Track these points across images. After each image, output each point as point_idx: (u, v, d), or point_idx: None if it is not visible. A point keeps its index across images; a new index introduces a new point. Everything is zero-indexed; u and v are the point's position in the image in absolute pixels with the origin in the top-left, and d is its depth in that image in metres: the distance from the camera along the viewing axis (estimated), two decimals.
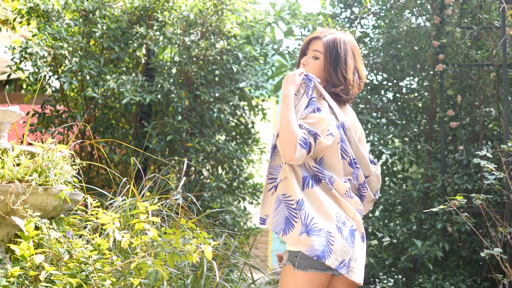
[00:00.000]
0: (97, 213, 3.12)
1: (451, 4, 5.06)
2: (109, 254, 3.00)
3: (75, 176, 3.32)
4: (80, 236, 3.17)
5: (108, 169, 4.15)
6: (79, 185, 3.38)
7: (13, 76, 8.78)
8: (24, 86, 5.59)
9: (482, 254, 3.39)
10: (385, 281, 5.23)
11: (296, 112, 2.69)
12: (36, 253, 2.76)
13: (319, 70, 2.84)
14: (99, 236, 3.20)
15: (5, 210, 2.93)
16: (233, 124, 6.32)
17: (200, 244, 2.62)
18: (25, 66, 5.31)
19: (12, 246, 2.70)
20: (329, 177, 2.70)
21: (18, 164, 3.06)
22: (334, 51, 2.82)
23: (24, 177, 2.99)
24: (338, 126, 2.75)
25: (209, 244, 2.64)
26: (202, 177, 5.79)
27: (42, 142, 3.28)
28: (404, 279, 5.26)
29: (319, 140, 2.64)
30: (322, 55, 2.83)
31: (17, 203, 2.91)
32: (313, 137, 2.63)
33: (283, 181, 2.67)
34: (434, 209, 3.64)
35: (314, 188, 2.67)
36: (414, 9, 5.45)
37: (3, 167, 2.97)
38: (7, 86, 10.96)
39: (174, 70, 5.54)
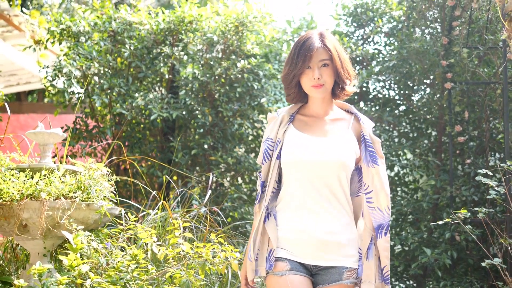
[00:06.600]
0: (135, 227, 3.46)
1: (459, 25, 5.32)
2: (144, 263, 3.33)
3: (112, 192, 3.67)
4: (116, 247, 3.49)
5: (139, 183, 4.48)
6: (114, 199, 3.71)
7: (35, 86, 9.17)
8: (56, 99, 5.98)
9: (483, 264, 3.67)
10: (397, 287, 5.49)
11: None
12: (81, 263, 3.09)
13: (333, 76, 2.77)
14: (135, 246, 3.52)
15: (52, 224, 3.29)
16: (252, 137, 6.61)
17: (228, 257, 2.95)
18: (56, 83, 5.70)
19: (61, 257, 3.04)
20: None
21: (63, 182, 3.41)
22: (338, 50, 2.77)
23: (68, 194, 3.34)
24: None
25: (236, 257, 2.96)
26: (224, 188, 6.09)
27: (74, 156, 3.61)
28: (415, 285, 5.52)
29: None
30: (330, 61, 2.74)
31: (63, 217, 3.26)
32: None
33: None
34: (440, 222, 3.92)
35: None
36: (423, 27, 5.72)
37: (50, 185, 3.32)
38: (29, 96, 11.33)
39: (196, 85, 5.84)
